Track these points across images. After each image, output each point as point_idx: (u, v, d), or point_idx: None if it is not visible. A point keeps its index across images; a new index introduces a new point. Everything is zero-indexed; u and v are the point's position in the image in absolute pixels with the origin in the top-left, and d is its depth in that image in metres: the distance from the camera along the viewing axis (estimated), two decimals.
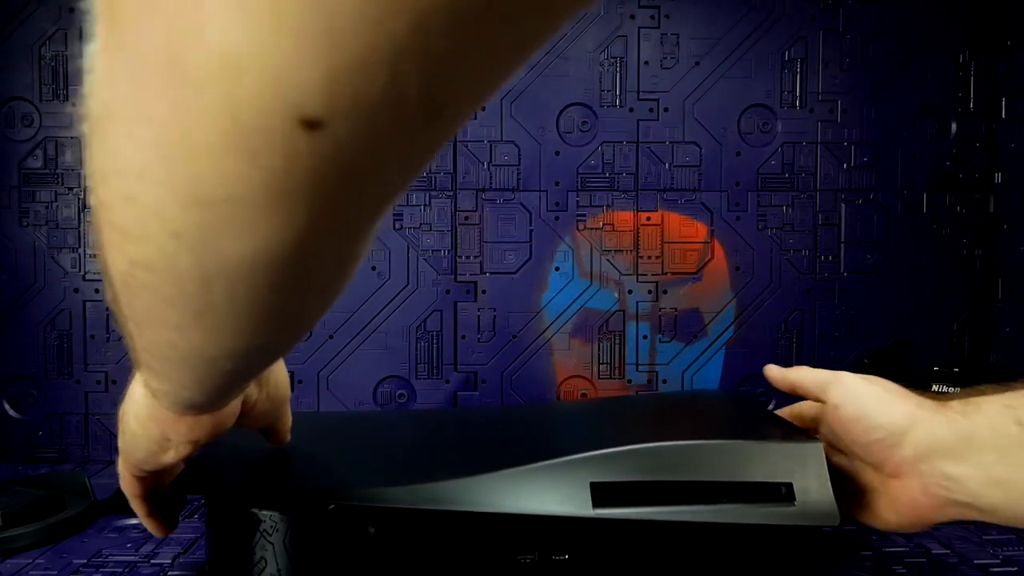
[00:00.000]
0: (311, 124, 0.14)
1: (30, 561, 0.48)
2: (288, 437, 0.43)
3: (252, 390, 0.36)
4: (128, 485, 0.38)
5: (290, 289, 0.19)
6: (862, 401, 0.40)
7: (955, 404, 0.39)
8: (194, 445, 0.34)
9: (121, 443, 0.36)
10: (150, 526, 0.41)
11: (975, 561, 0.48)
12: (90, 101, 0.17)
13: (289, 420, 0.43)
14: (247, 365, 0.25)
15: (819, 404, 0.44)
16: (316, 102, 0.14)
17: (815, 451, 0.39)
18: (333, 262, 0.20)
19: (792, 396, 0.46)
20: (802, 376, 0.45)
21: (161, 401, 0.30)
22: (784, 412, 0.49)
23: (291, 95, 0.14)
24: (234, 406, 0.35)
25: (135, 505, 0.40)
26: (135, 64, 0.15)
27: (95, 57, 0.16)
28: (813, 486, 0.38)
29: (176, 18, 0.14)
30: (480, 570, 0.39)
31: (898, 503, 0.40)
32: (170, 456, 0.34)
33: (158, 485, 0.39)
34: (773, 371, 0.47)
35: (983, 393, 0.39)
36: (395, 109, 0.14)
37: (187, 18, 0.13)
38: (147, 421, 0.32)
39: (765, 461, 0.39)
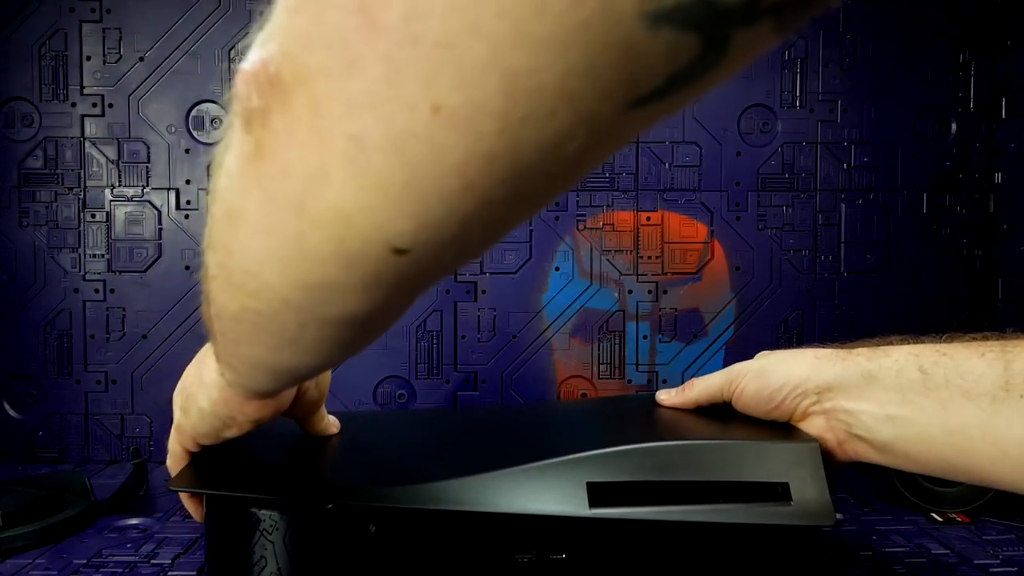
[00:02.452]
0: (398, 252, 0.19)
1: (30, 561, 0.48)
2: (328, 428, 0.48)
3: (308, 381, 0.43)
4: (178, 460, 0.43)
5: (361, 333, 0.25)
6: (762, 376, 0.43)
7: (862, 351, 0.41)
8: (255, 424, 0.40)
9: (184, 419, 0.41)
10: (191, 506, 0.45)
11: (975, 561, 0.48)
12: (220, 193, 0.22)
13: (331, 426, 0.49)
14: (315, 372, 0.32)
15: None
16: (405, 241, 0.19)
17: (811, 451, 0.39)
18: (393, 316, 0.26)
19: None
20: (699, 390, 0.48)
21: (234, 388, 0.35)
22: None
23: (387, 237, 0.19)
24: (291, 392, 0.41)
25: (173, 462, 0.43)
26: (268, 195, 0.20)
27: (228, 158, 0.21)
28: (809, 486, 0.38)
29: (308, 179, 0.18)
30: (478, 569, 0.39)
31: None
32: (232, 432, 0.40)
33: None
34: (665, 398, 0.50)
35: (891, 343, 0.41)
36: (460, 246, 0.19)
37: (316, 182, 0.18)
38: (218, 403, 0.38)
39: (761, 461, 0.39)
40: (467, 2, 0.14)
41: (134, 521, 0.55)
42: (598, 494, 0.38)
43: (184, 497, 0.45)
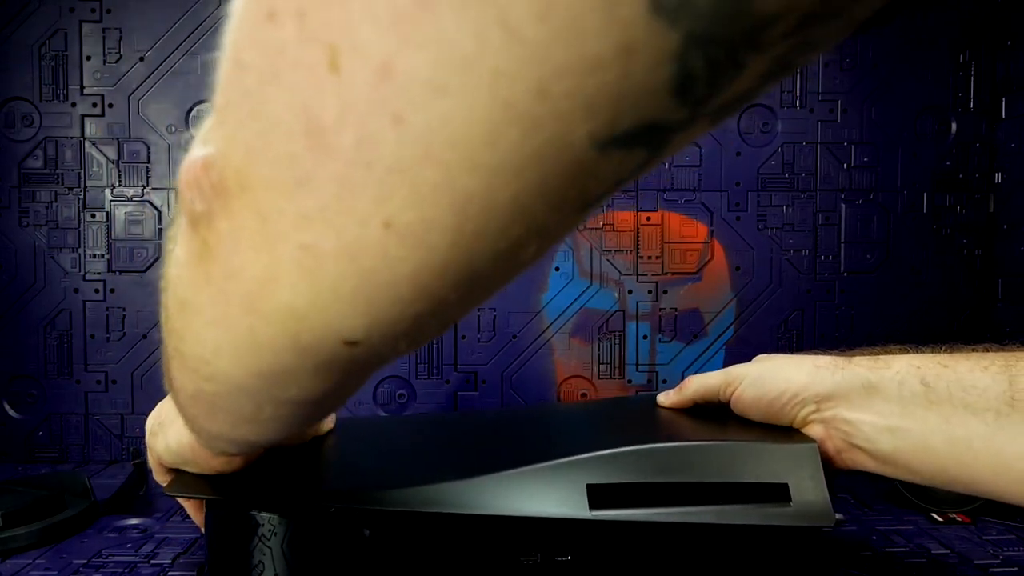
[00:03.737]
0: (351, 343, 0.19)
1: (30, 561, 0.48)
2: (321, 429, 0.48)
3: None
4: (158, 474, 0.43)
5: (319, 409, 0.26)
6: (761, 383, 0.43)
7: (862, 360, 0.41)
8: (222, 472, 0.40)
9: (153, 441, 0.41)
10: (192, 510, 0.45)
11: (975, 561, 0.48)
12: (172, 281, 0.22)
13: (322, 426, 0.48)
14: (278, 444, 0.32)
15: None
16: (357, 335, 0.19)
17: (810, 452, 0.39)
18: (352, 392, 0.26)
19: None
20: (697, 388, 0.48)
21: (201, 444, 0.35)
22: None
23: (340, 331, 0.19)
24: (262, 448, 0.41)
25: (158, 476, 0.44)
26: (218, 294, 0.20)
27: (179, 249, 0.21)
28: (808, 487, 0.38)
29: (258, 281, 0.18)
30: (483, 571, 0.39)
31: None
32: (197, 471, 0.40)
33: None
34: (663, 399, 0.51)
35: (890, 352, 0.41)
36: (414, 336, 0.20)
37: (266, 284, 0.18)
38: (186, 448, 0.38)
39: (760, 462, 0.39)
40: (418, 132, 0.14)
41: (134, 521, 0.55)
42: (598, 496, 0.38)
43: (185, 502, 0.45)
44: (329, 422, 0.49)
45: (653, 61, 0.13)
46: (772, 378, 0.43)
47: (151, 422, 0.42)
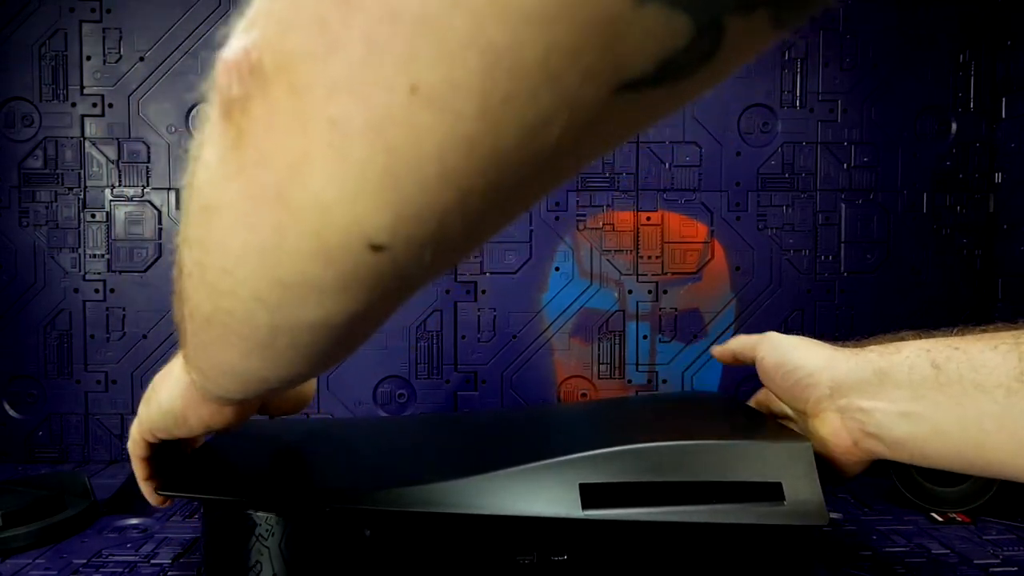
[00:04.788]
0: (376, 248, 0.18)
1: (30, 561, 0.48)
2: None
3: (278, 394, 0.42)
4: (135, 446, 0.42)
5: (334, 343, 0.24)
6: (783, 350, 0.44)
7: (874, 348, 0.41)
8: (207, 429, 0.38)
9: (143, 408, 0.40)
10: (146, 490, 0.44)
11: (975, 561, 0.48)
12: (198, 187, 0.22)
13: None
14: (284, 385, 0.31)
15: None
16: (382, 236, 0.18)
17: (803, 451, 0.39)
18: (370, 327, 0.25)
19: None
20: (738, 342, 0.49)
21: (197, 387, 0.34)
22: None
23: (365, 230, 0.18)
24: (252, 407, 0.39)
25: (136, 466, 0.43)
26: (248, 186, 0.19)
27: (206, 151, 0.21)
28: (802, 485, 0.38)
29: (289, 168, 0.18)
30: (479, 571, 0.39)
31: (821, 441, 0.42)
32: (182, 431, 0.39)
33: (161, 453, 0.43)
34: (715, 349, 0.52)
35: (903, 339, 0.41)
36: (440, 243, 0.19)
37: (297, 170, 0.18)
38: (176, 399, 0.37)
39: (753, 461, 0.39)
40: None
41: (134, 521, 0.55)
42: (591, 495, 0.38)
43: (140, 475, 0.43)
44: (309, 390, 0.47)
45: None
46: (793, 350, 0.44)
47: (145, 394, 0.41)
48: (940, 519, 0.55)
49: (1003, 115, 0.73)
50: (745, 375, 0.73)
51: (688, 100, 0.17)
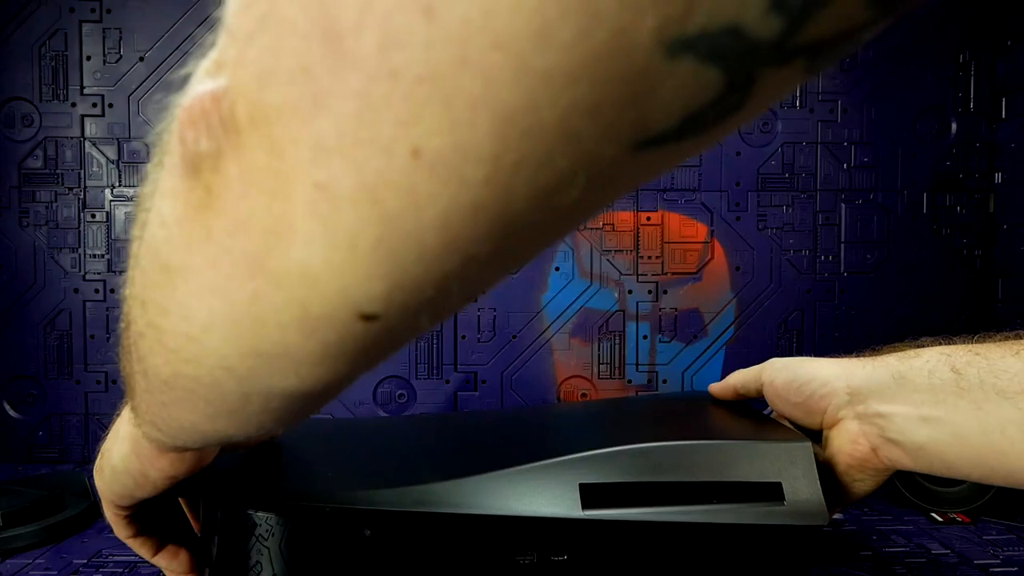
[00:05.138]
0: (368, 318, 0.17)
1: (30, 561, 0.48)
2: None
3: None
4: (111, 516, 0.39)
5: (307, 406, 0.23)
6: (792, 367, 0.43)
7: (891, 355, 0.40)
8: (171, 481, 0.35)
9: (98, 480, 0.36)
10: (138, 548, 0.40)
11: (975, 561, 0.48)
12: (154, 244, 0.19)
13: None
14: (250, 442, 0.27)
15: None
16: (375, 306, 0.16)
17: (803, 450, 0.39)
18: (344, 387, 0.23)
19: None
20: (738, 375, 0.47)
21: (152, 442, 0.30)
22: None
23: (356, 301, 0.16)
24: (214, 449, 0.36)
25: (119, 532, 0.39)
26: (220, 253, 0.17)
27: (165, 206, 0.18)
28: (802, 486, 0.38)
29: (269, 234, 0.16)
30: (479, 571, 0.39)
31: (838, 451, 0.41)
32: (147, 491, 0.35)
33: (143, 511, 0.39)
34: (714, 387, 0.50)
35: (921, 345, 0.40)
36: (435, 309, 0.17)
37: (278, 238, 0.16)
38: (129, 457, 0.33)
39: (753, 461, 0.39)
40: (455, 30, 0.12)
41: None
42: (591, 495, 0.38)
43: (124, 537, 0.40)
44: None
45: None
46: (804, 365, 0.42)
47: (96, 463, 0.37)
48: (940, 519, 0.55)
49: (1003, 115, 0.73)
50: None
51: (709, 148, 0.16)
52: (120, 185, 0.71)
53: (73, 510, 0.54)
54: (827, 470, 0.41)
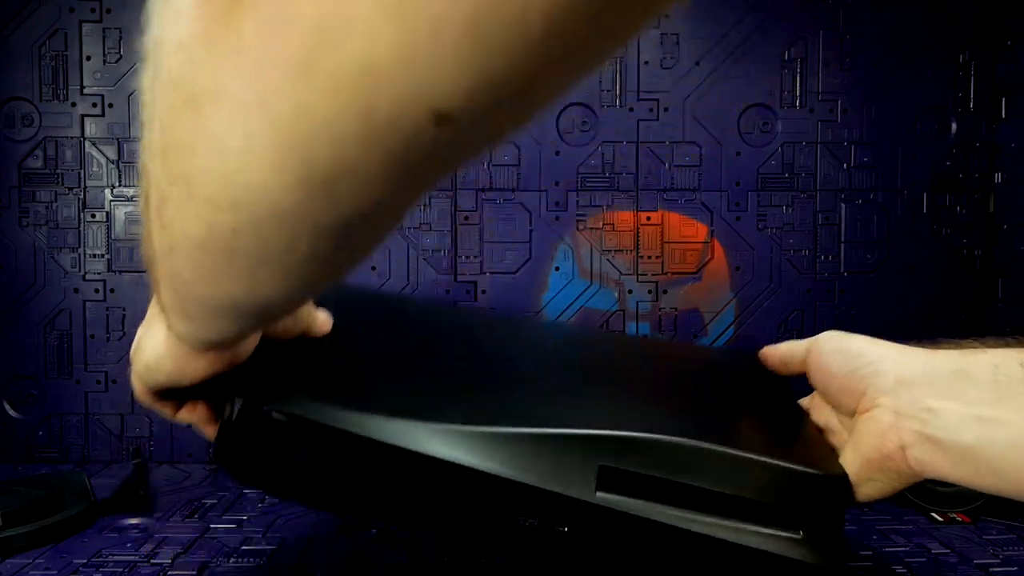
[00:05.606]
0: (442, 120, 0.14)
1: (30, 561, 0.48)
2: (322, 329, 0.40)
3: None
4: (139, 391, 0.37)
5: (363, 242, 0.20)
6: (846, 339, 0.39)
7: (950, 347, 0.36)
8: (214, 374, 0.33)
9: (134, 367, 0.35)
10: (159, 408, 0.38)
11: (975, 561, 0.48)
12: (175, 76, 0.17)
13: (317, 320, 0.39)
14: (290, 308, 0.25)
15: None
16: (454, 104, 0.14)
17: (839, 483, 0.37)
18: (396, 222, 0.20)
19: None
20: (788, 344, 0.44)
21: (183, 340, 0.30)
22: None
23: (431, 98, 0.14)
24: (253, 340, 0.34)
25: (141, 399, 0.37)
26: (257, 57, 0.15)
27: (180, 32, 0.16)
28: (825, 523, 0.37)
29: (316, 30, 0.14)
30: (479, 521, 0.38)
31: (861, 442, 0.37)
32: (182, 386, 0.34)
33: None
34: (765, 353, 0.46)
35: (984, 343, 0.36)
36: (514, 111, 0.15)
37: (332, 31, 0.13)
38: (164, 358, 0.32)
39: (786, 486, 0.36)
40: None
41: (134, 521, 0.55)
42: (608, 480, 0.37)
43: (195, 415, 0.38)
44: (324, 323, 0.40)
45: None
46: (858, 340, 0.39)
47: (133, 345, 0.35)
48: (940, 519, 0.55)
49: (1003, 115, 0.73)
50: None
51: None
52: (120, 185, 0.71)
53: (73, 510, 0.54)
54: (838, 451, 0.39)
